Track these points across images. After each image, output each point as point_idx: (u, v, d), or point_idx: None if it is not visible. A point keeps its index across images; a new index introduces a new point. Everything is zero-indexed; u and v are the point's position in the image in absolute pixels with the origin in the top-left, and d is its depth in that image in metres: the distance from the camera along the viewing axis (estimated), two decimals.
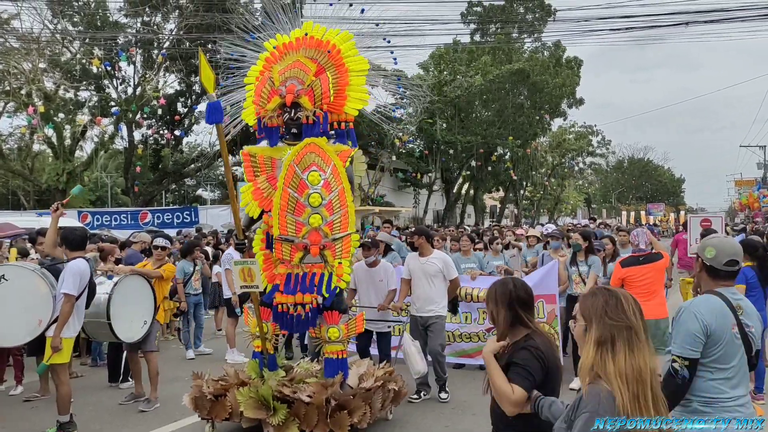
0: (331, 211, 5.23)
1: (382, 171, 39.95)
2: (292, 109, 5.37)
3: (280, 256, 5.28)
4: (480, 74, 38.08)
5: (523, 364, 3.09)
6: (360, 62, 5.69)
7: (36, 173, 38.20)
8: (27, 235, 13.20)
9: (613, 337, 2.50)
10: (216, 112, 4.89)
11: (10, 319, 6.55)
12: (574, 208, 70.55)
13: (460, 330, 9.25)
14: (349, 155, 5.47)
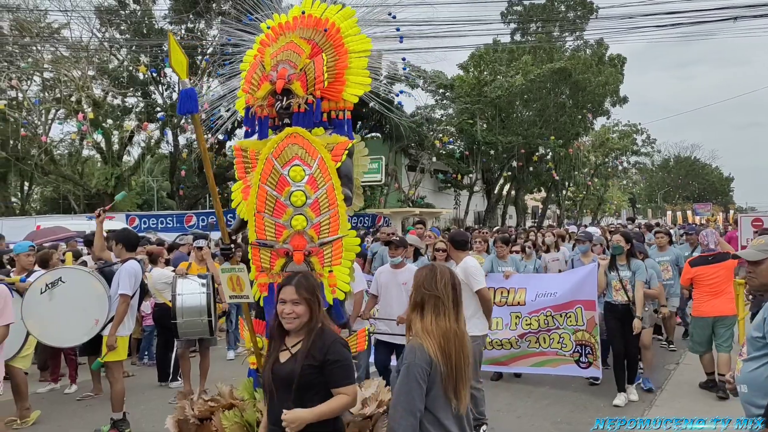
0: (318, 211, 4.40)
1: (423, 172, 39.12)
2: (283, 96, 4.57)
3: (259, 264, 4.47)
4: (521, 74, 36.90)
5: (343, 360, 3.22)
6: (362, 42, 4.83)
7: (85, 178, 38.48)
8: (81, 238, 13.48)
9: (423, 302, 3.12)
10: (189, 101, 4.17)
11: (68, 320, 6.74)
12: (618, 209, 68.54)
13: (490, 337, 8.30)
14: (346, 147, 4.62)
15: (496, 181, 44.63)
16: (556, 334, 8.29)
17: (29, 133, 34.47)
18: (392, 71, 5.10)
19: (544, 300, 8.35)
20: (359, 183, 5.34)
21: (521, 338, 8.40)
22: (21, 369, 7.20)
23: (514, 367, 8.53)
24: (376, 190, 36.96)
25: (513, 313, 8.52)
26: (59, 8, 34.73)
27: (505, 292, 8.61)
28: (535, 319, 8.35)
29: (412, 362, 2.97)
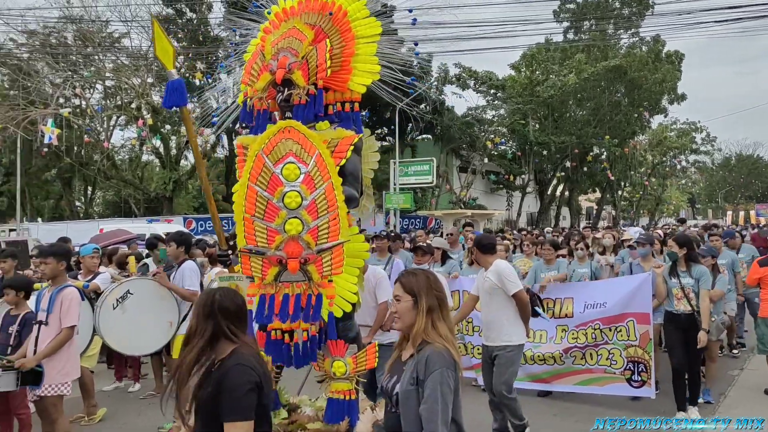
0: (315, 214, 3.82)
1: (474, 174, 38.33)
2: (284, 87, 4.04)
3: (249, 273, 3.91)
4: (574, 72, 35.73)
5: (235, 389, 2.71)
6: (370, 26, 4.23)
7: (145, 182, 39.09)
8: (142, 241, 13.33)
9: (439, 305, 2.94)
10: (176, 93, 3.73)
11: (145, 328, 6.94)
12: (676, 209, 66.05)
13: (532, 350, 7.53)
14: (351, 142, 4.04)
15: (549, 181, 43.47)
16: (604, 349, 7.36)
17: (92, 139, 35.21)
18: (409, 62, 4.44)
19: (592, 312, 7.45)
20: (369, 182, 4.76)
21: (566, 353, 7.47)
22: (87, 368, 7.19)
23: (556, 385, 7.61)
24: (428, 191, 36.38)
25: (559, 326, 7.59)
26: (120, 18, 35.32)
27: (551, 302, 7.69)
28: (583, 332, 7.45)
29: (443, 369, 2.75)
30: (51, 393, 5.48)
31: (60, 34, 34.72)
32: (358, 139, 4.15)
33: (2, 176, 37.75)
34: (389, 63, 4.32)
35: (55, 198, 41.72)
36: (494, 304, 5.88)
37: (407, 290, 2.94)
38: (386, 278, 6.31)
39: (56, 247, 6.15)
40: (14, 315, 5.89)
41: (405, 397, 2.82)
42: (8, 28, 34.05)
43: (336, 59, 4.16)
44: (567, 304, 7.60)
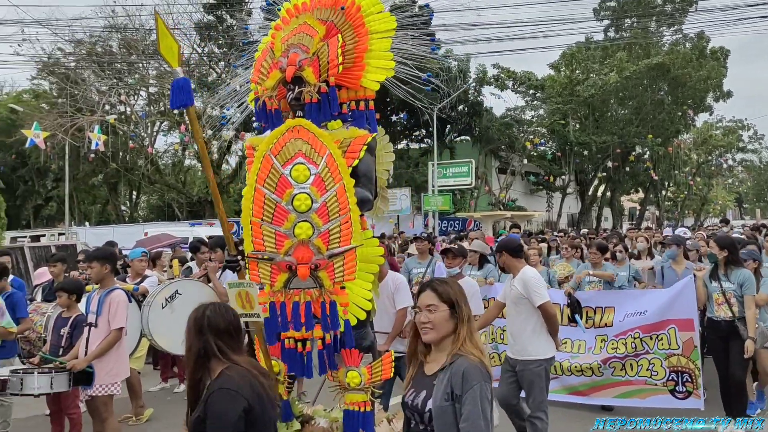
0: (326, 217, 3.60)
1: (513, 175, 37.75)
2: (295, 85, 3.85)
3: (257, 280, 3.71)
4: (615, 71, 34.89)
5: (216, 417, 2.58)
6: (384, 21, 3.99)
7: (188, 186, 39.57)
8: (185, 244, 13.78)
9: (470, 316, 2.79)
10: (182, 93, 3.55)
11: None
12: (723, 209, 64.07)
13: (570, 361, 7.15)
14: (364, 142, 3.81)
15: (590, 182, 42.55)
16: (645, 359, 6.92)
17: (137, 144, 35.81)
18: (428, 58, 4.18)
19: (632, 320, 7.03)
20: (384, 183, 4.52)
21: (605, 364, 7.04)
22: (135, 369, 7.28)
23: (594, 398, 7.15)
24: (467, 193, 35.98)
25: (599, 336, 7.17)
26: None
27: (591, 311, 7.28)
28: (622, 342, 7.01)
29: (482, 383, 2.62)
30: (101, 393, 5.60)
31: (105, 43, 35.44)
32: (372, 138, 3.91)
33: (51, 182, 38.63)
34: (405, 59, 4.08)
35: (102, 202, 42.57)
36: (520, 315, 5.51)
37: (444, 299, 2.75)
38: (405, 283, 6.06)
39: (100, 252, 6.22)
40: (66, 317, 6.04)
41: (440, 413, 2.65)
42: (56, 38, 34.80)
43: (349, 55, 3.93)
44: (608, 314, 7.21)
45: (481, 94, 35.69)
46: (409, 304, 5.76)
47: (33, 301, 8.25)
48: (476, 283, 6.09)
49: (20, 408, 6.92)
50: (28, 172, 36.63)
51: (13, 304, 6.40)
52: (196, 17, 34.75)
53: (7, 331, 5.29)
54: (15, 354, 6.88)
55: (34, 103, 35.83)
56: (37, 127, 27.30)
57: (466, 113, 34.97)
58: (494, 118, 36.03)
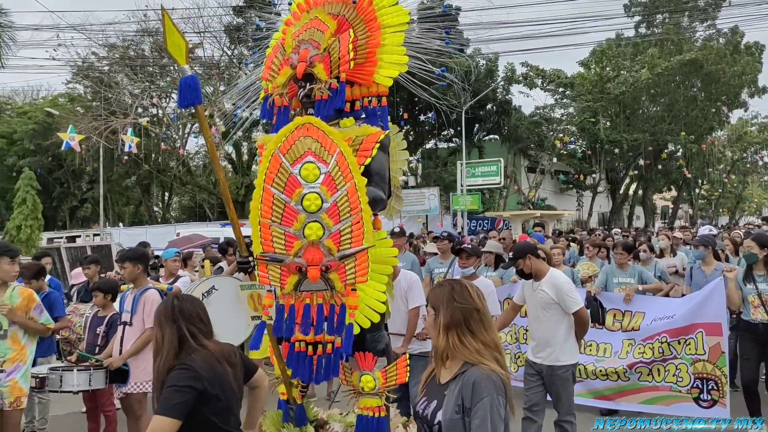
0: (337, 218, 3.46)
1: (543, 174, 37.28)
2: (306, 82, 3.73)
3: (267, 282, 3.60)
4: (647, 68, 34.25)
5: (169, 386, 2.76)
6: (397, 14, 3.85)
7: (218, 187, 39.86)
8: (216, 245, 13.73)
9: (466, 318, 2.54)
10: (191, 91, 3.45)
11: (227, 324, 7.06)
12: (759, 207, 62.54)
13: (595, 365, 6.86)
14: (377, 139, 3.67)
15: (621, 180, 41.88)
16: (672, 365, 6.61)
17: (168, 146, 36.22)
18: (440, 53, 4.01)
19: (659, 324, 6.73)
20: (398, 181, 4.37)
21: (631, 369, 6.74)
22: None
23: (621, 403, 6.84)
24: (495, 192, 35.65)
25: (626, 339, 6.87)
26: (193, 30, 36.14)
27: (619, 314, 6.96)
28: (649, 346, 6.69)
29: (493, 395, 2.40)
30: (136, 390, 5.64)
31: (138, 47, 35.88)
32: (385, 135, 3.77)
33: (86, 184, 39.23)
34: (418, 53, 3.94)
35: (135, 203, 43.10)
36: (549, 320, 5.21)
37: (431, 304, 2.64)
38: (418, 282, 5.87)
39: (131, 252, 6.28)
40: (101, 316, 6.18)
41: (450, 426, 2.48)
42: (91, 42, 35.36)
43: (361, 50, 3.80)
44: (637, 318, 6.92)
45: (510, 92, 35.38)
46: (421, 303, 5.60)
47: (70, 300, 8.38)
48: (492, 284, 5.84)
49: (57, 405, 7.06)
50: (63, 174, 37.24)
51: (50, 303, 6.49)
52: (226, 20, 34.96)
53: (45, 328, 5.34)
54: (53, 352, 7.06)
55: (70, 107, 36.44)
56: (72, 130, 27.76)
57: (494, 112, 34.65)
58: (523, 116, 35.66)
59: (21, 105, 42.07)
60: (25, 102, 43.01)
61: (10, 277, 5.27)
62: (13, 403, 5.08)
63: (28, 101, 43.04)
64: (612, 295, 7.19)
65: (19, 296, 5.25)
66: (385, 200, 3.84)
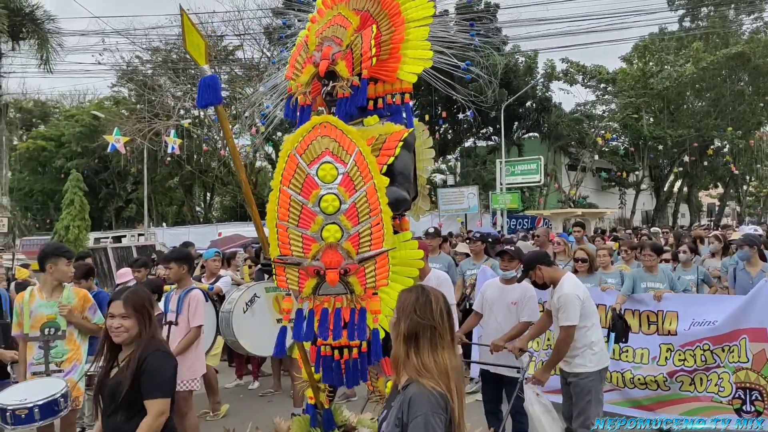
0: (356, 219, 3.34)
1: (584, 171, 36.60)
2: (329, 80, 3.62)
3: (285, 285, 3.49)
4: (691, 62, 33.34)
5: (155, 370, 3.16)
6: (421, 8, 3.72)
7: (259, 187, 40.17)
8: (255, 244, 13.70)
9: (417, 333, 2.46)
10: (210, 91, 3.40)
11: (270, 329, 6.76)
12: None
13: (632, 372, 6.45)
14: (400, 138, 3.53)
15: (665, 177, 40.83)
16: (715, 374, 6.13)
17: (210, 147, 36.64)
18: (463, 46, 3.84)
19: (700, 330, 6.26)
20: (424, 181, 4.21)
21: (671, 377, 6.29)
22: (211, 366, 7.45)
23: (659, 414, 6.36)
24: (535, 191, 35.14)
25: (664, 344, 6.38)
26: (233, 32, 36.53)
27: (653, 316, 6.48)
28: (690, 353, 6.24)
29: (427, 414, 2.31)
30: (182, 388, 5.66)
31: (180, 50, 36.39)
32: (409, 133, 3.63)
33: (131, 185, 39.97)
34: (445, 48, 3.79)
35: (178, 204, 43.75)
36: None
37: (396, 308, 2.55)
38: (449, 281, 5.77)
39: (177, 253, 6.36)
40: None
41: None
42: (135, 46, 36.02)
43: (384, 46, 3.68)
44: (670, 319, 6.46)
45: (550, 89, 34.83)
46: (452, 303, 5.45)
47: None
48: (532, 288, 5.62)
49: None
50: (109, 175, 38.02)
51: (98, 302, 6.71)
52: (266, 22, 35.25)
53: (98, 327, 5.33)
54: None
55: (115, 110, 37.18)
56: (117, 133, 28.30)
57: (534, 109, 34.16)
58: (563, 113, 35.07)
59: (68, 108, 43.13)
60: (73, 105, 44.08)
61: (66, 278, 5.34)
62: (72, 402, 5.06)
63: (75, 105, 44.11)
64: (641, 297, 6.69)
65: (75, 297, 5.33)
66: (410, 200, 3.71)
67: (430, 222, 28.02)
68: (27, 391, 4.72)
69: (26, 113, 43.09)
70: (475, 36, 3.87)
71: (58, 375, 5.11)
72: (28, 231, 39.40)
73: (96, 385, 3.31)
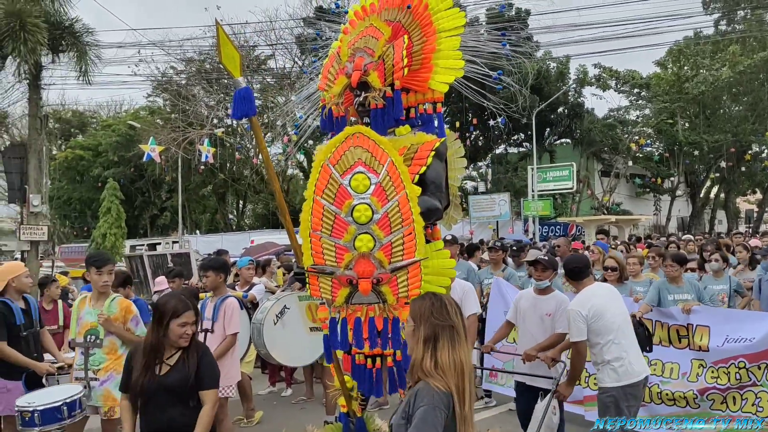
0: (388, 229, 3.36)
1: (617, 177, 36.14)
2: (361, 91, 3.66)
3: (317, 295, 3.52)
4: (728, 66, 32.74)
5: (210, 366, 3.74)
6: (453, 18, 3.73)
7: (290, 195, 40.48)
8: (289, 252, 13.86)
9: (437, 335, 2.62)
10: (245, 102, 3.46)
11: (303, 339, 7.00)
12: None
13: (660, 387, 6.14)
14: (432, 147, 3.55)
15: (701, 183, 40.10)
16: (751, 393, 5.78)
17: (243, 156, 37.08)
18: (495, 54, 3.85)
19: (734, 346, 5.91)
20: (456, 190, 4.22)
21: (702, 395, 5.96)
22: (245, 373, 7.49)
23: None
24: (568, 197, 34.80)
25: (696, 360, 6.08)
26: (266, 42, 36.95)
27: (683, 330, 6.15)
28: (724, 371, 5.89)
29: (429, 406, 2.51)
30: (219, 395, 5.77)
31: (213, 60, 36.93)
32: (441, 143, 3.65)
33: (166, 193, 40.64)
34: (474, 57, 3.80)
35: (211, 212, 44.34)
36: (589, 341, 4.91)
37: (412, 315, 2.74)
38: (473, 290, 5.72)
39: (214, 262, 6.43)
40: None
41: (396, 430, 2.70)
42: (169, 57, 36.67)
43: (416, 56, 3.70)
44: (701, 333, 6.11)
45: (582, 95, 34.51)
46: (477, 311, 5.42)
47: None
48: (568, 300, 5.49)
49: None
50: (145, 184, 38.71)
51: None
52: (297, 32, 35.60)
53: (140, 339, 5.40)
54: None
55: (150, 119, 37.87)
56: (153, 142, 28.83)
57: (566, 115, 33.87)
58: (596, 119, 34.70)
59: (105, 118, 44.05)
60: (109, 115, 45.02)
61: (98, 286, 5.30)
62: (108, 412, 5.13)
63: (112, 115, 45.03)
64: (669, 311, 6.36)
65: (117, 307, 5.31)
66: (442, 210, 3.71)
67: (461, 229, 27.97)
68: (51, 394, 4.85)
69: (65, 123, 44.11)
70: (506, 45, 3.88)
71: (95, 383, 5.16)
72: (66, 239, 40.31)
73: (140, 386, 3.51)
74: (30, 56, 18.56)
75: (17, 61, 19.58)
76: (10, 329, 5.33)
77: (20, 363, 5.32)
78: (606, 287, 5.34)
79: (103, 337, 5.25)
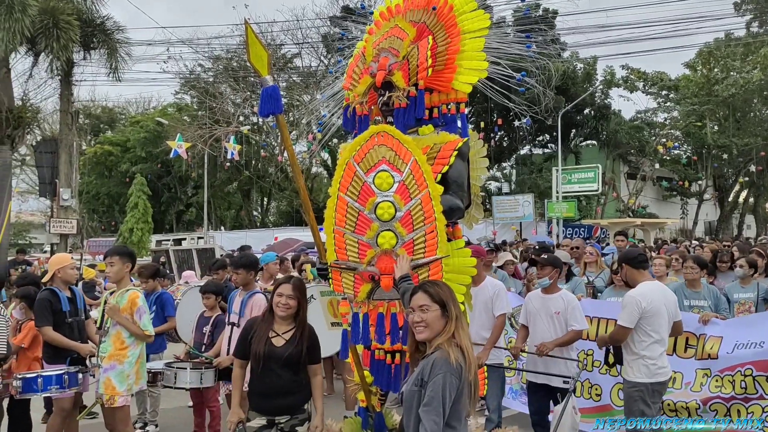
0: (410, 227, 3.41)
1: (644, 180, 35.78)
2: (385, 90, 3.72)
3: (340, 290, 3.60)
4: (759, 68, 32.22)
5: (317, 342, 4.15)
6: (478, 19, 3.79)
7: (314, 193, 40.70)
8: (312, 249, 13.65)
9: (458, 315, 2.98)
10: (272, 101, 3.54)
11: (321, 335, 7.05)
12: None
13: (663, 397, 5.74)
14: (455, 147, 3.61)
15: (730, 187, 39.51)
16: (757, 405, 5.41)
17: (268, 153, 37.35)
18: (517, 55, 3.89)
19: (743, 353, 5.55)
20: (478, 190, 4.27)
21: (705, 405, 5.60)
22: None
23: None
24: (593, 199, 34.53)
25: (700, 369, 5.73)
26: (292, 41, 37.16)
27: (692, 339, 5.80)
28: (729, 379, 5.55)
29: (446, 373, 2.77)
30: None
31: (240, 58, 37.26)
32: (463, 143, 3.70)
33: (192, 189, 41.06)
34: (499, 58, 3.85)
35: (236, 208, 44.67)
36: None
37: (435, 300, 2.93)
38: (504, 289, 5.75)
39: (246, 259, 6.52)
40: (207, 317, 6.52)
41: (408, 397, 2.89)
42: (197, 55, 37.04)
43: (440, 57, 3.76)
44: (713, 343, 5.77)
45: (609, 96, 34.22)
46: (507, 311, 5.46)
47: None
48: (575, 298, 5.55)
49: (165, 399, 7.48)
50: (171, 180, 39.16)
51: (162, 303, 7.10)
52: (323, 30, 35.76)
53: (143, 333, 5.39)
54: (164, 349, 7.48)
55: (178, 116, 38.27)
56: (180, 139, 29.16)
57: (592, 117, 33.61)
58: (623, 121, 34.38)
59: (134, 115, 44.63)
60: (138, 112, 45.60)
61: (110, 278, 5.58)
62: (108, 400, 5.22)
63: (141, 111, 45.61)
64: (685, 315, 5.78)
65: (127, 299, 5.43)
66: (463, 209, 3.77)
67: (484, 230, 27.89)
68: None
69: (94, 119, 44.78)
70: (531, 47, 3.92)
71: (100, 370, 5.33)
72: (94, 233, 40.96)
73: (259, 354, 3.92)
74: (62, 53, 18.93)
75: (50, 57, 20.01)
76: (56, 316, 5.58)
77: (64, 345, 5.56)
78: (665, 288, 5.27)
79: (110, 325, 5.40)
